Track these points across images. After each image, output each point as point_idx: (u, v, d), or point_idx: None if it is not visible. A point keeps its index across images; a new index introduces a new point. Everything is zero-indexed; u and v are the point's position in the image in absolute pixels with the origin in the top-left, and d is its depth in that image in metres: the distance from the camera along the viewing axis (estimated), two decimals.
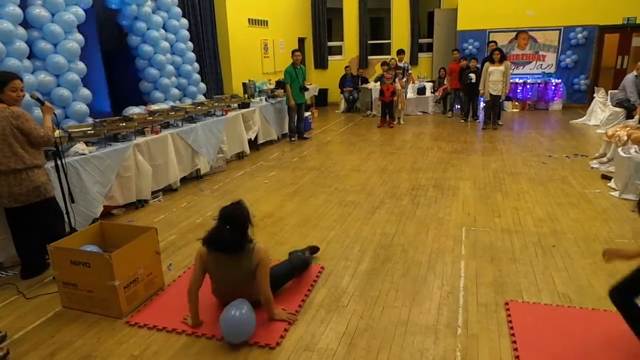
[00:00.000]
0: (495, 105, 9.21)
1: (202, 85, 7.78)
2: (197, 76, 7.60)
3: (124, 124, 5.03)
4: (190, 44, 7.46)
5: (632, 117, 7.20)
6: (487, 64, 9.06)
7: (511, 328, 2.73)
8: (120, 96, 6.69)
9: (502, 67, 8.85)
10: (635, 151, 5.07)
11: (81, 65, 5.25)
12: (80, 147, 4.42)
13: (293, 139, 8.58)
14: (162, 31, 6.83)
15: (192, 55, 7.45)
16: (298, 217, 4.69)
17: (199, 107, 6.54)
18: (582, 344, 2.55)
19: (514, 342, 2.61)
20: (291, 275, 3.30)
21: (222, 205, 2.91)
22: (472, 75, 9.58)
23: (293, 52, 8.39)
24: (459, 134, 8.77)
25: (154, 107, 6.28)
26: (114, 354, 2.65)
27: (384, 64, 10.49)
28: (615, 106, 8.42)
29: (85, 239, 3.34)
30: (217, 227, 2.78)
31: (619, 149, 5.35)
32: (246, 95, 8.27)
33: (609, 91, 9.29)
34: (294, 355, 2.59)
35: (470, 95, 9.92)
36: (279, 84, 9.31)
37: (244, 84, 8.52)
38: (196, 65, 7.59)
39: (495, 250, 3.79)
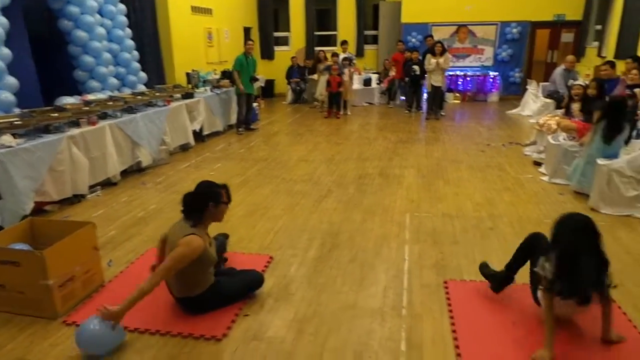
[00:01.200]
0: (437, 96, 9.53)
1: (143, 75, 7.48)
2: (136, 65, 7.29)
3: (56, 115, 4.73)
4: (129, 31, 7.13)
5: (561, 108, 7.67)
6: (428, 55, 9.34)
7: (449, 305, 2.86)
8: (52, 85, 6.28)
9: (441, 60, 9.16)
10: (564, 139, 5.42)
11: (6, 51, 4.88)
12: (6, 139, 4.11)
13: (241, 130, 8.45)
14: (98, 16, 6.48)
15: (130, 42, 7.13)
16: (245, 208, 4.64)
17: (140, 97, 6.28)
18: (514, 315, 2.72)
19: (452, 317, 2.74)
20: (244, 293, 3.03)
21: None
22: (416, 67, 9.83)
23: (246, 40, 8.30)
24: (404, 125, 8.99)
25: (90, 97, 5.95)
26: (49, 355, 2.51)
27: (334, 54, 10.55)
28: (546, 97, 8.96)
29: (13, 237, 3.12)
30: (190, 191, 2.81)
31: (549, 137, 5.70)
32: (190, 86, 8.03)
33: (540, 83, 9.87)
34: (242, 345, 2.57)
35: (414, 87, 10.19)
36: (225, 74, 9.11)
37: (187, 74, 8.26)
38: (135, 53, 7.28)
39: (438, 234, 3.94)
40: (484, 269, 3.02)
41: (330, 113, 9.89)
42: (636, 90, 5.62)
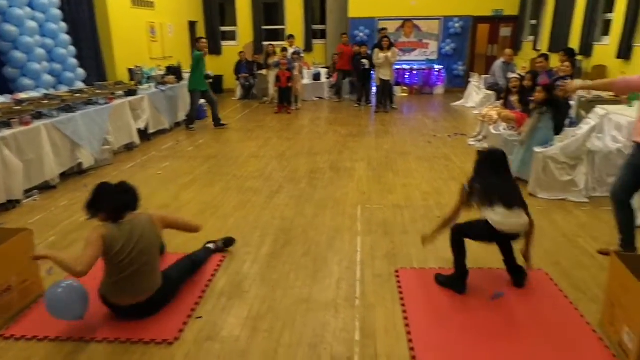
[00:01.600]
0: (385, 90, 9.71)
1: (81, 71, 7.10)
2: (73, 61, 6.91)
3: None
4: (64, 25, 6.74)
5: (501, 99, 8.03)
6: (376, 50, 9.49)
7: (400, 293, 2.94)
8: None
9: (388, 54, 9.33)
10: (504, 129, 5.68)
11: None
12: None
13: (192, 127, 8.25)
14: (28, 9, 6.08)
15: (65, 37, 6.75)
16: (195, 207, 4.53)
17: (78, 95, 5.96)
18: (460, 300, 2.84)
19: (403, 304, 2.81)
20: (191, 272, 3.14)
21: None
22: (365, 61, 9.95)
23: (199, 39, 8.21)
24: (354, 118, 9.10)
25: (23, 95, 5.58)
26: None
27: (283, 49, 10.47)
28: (487, 90, 9.35)
29: None
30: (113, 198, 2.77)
31: (491, 127, 5.96)
32: (133, 82, 7.72)
33: (482, 76, 10.28)
34: (195, 347, 2.52)
35: (364, 81, 10.32)
36: (170, 70, 8.84)
37: (130, 70, 7.94)
38: (72, 48, 6.89)
39: (388, 225, 4.02)
40: (439, 278, 3.07)
41: (281, 108, 9.84)
42: (568, 81, 5.97)
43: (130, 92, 7.07)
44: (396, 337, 2.55)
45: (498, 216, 2.77)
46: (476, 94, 10.11)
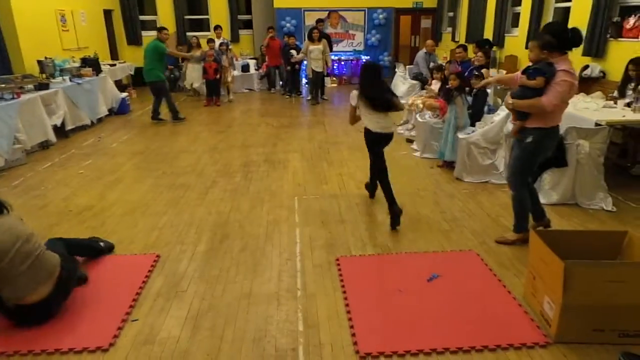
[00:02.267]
0: (317, 81, 9.75)
1: None
2: None
3: None
4: None
5: (424, 89, 8.39)
6: (306, 42, 9.49)
7: (341, 281, 3.00)
8: None
9: (320, 46, 9.33)
10: (429, 117, 5.94)
11: None
12: None
13: (181, 117, 8.11)
14: None
15: None
16: (123, 207, 4.30)
17: None
18: (398, 283, 2.95)
19: (344, 292, 2.87)
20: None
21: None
22: (294, 52, 9.92)
23: (161, 29, 7.99)
24: (285, 110, 9.07)
25: None
26: None
27: (209, 41, 10.11)
28: (412, 79, 9.71)
29: None
30: None
31: (417, 115, 6.21)
32: (44, 75, 7.11)
33: (407, 66, 10.65)
34: (132, 352, 2.40)
35: (293, 72, 10.29)
36: (86, 62, 8.24)
37: (39, 62, 7.29)
38: None
39: (325, 215, 4.08)
40: (367, 186, 4.38)
41: (210, 101, 9.55)
42: (483, 70, 6.36)
43: (42, 86, 6.51)
44: (338, 324, 2.60)
45: (372, 122, 3.80)
46: (402, 83, 10.43)
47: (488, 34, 9.28)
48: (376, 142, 3.95)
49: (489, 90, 6.36)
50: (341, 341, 2.46)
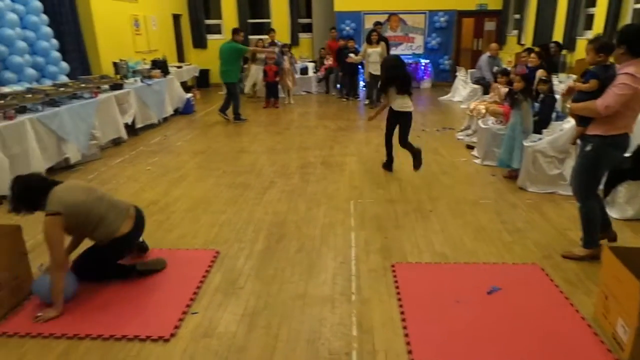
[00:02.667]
0: (375, 85, 9.62)
1: (64, 65, 6.95)
2: (56, 54, 6.77)
3: None
4: (45, 17, 6.58)
5: (488, 94, 8.12)
6: (364, 45, 9.43)
7: (397, 287, 2.96)
8: None
9: (378, 49, 9.21)
10: (492, 123, 5.74)
11: None
12: None
13: (242, 118, 8.37)
14: (7, 1, 5.92)
15: (48, 30, 6.59)
16: (187, 203, 4.49)
17: (62, 89, 5.83)
18: (456, 294, 2.86)
19: (399, 299, 2.83)
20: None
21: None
22: (352, 55, 9.94)
23: (238, 31, 8.23)
24: (342, 112, 9.10)
25: (5, 89, 5.44)
26: None
27: (272, 43, 10.33)
28: (474, 84, 9.43)
29: None
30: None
31: (479, 121, 6.01)
32: (118, 76, 7.58)
33: (469, 70, 10.36)
34: (192, 343, 2.50)
35: (351, 75, 10.29)
36: (156, 64, 8.70)
37: (114, 64, 7.79)
38: (54, 41, 6.74)
39: (381, 219, 4.04)
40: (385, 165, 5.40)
41: (269, 103, 9.77)
42: (539, 71, 6.07)
43: (116, 86, 6.95)
44: (393, 332, 2.57)
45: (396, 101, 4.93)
46: (463, 88, 10.18)
47: (558, 36, 8.81)
48: (394, 117, 5.21)
49: (557, 96, 6.05)
50: (395, 349, 2.43)
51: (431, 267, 3.22)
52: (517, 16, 11.32)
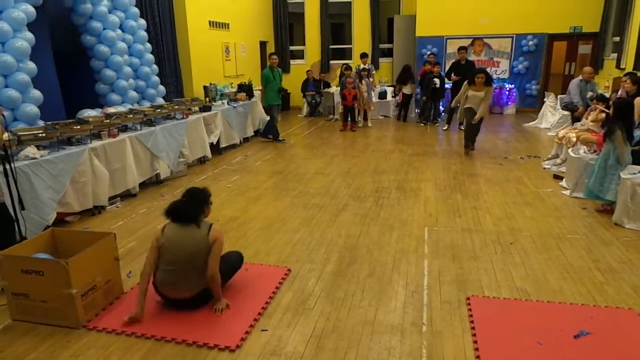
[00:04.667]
0: (472, 128, 7.45)
1: (162, 88, 7.60)
2: (156, 78, 7.42)
3: (78, 127, 4.82)
4: (149, 45, 7.28)
5: (578, 120, 7.57)
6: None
7: (472, 322, 2.81)
8: (74, 99, 6.42)
9: (481, 94, 7.11)
10: (584, 152, 5.34)
11: (31, 65, 5.01)
12: (30, 150, 4.20)
13: (282, 139, 8.72)
14: (119, 31, 6.64)
15: (150, 57, 7.27)
16: (262, 221, 4.64)
17: (159, 110, 6.37)
18: (538, 335, 2.65)
19: (474, 335, 2.68)
20: (235, 269, 3.31)
21: None
22: (437, 80, 9.80)
23: (270, 55, 8.66)
24: (419, 137, 8.96)
25: (111, 109, 6.06)
26: None
27: (347, 68, 10.55)
28: (563, 110, 8.85)
29: (36, 247, 3.16)
30: (177, 200, 3.04)
31: (569, 150, 5.62)
32: (207, 99, 8.13)
33: (558, 96, 9.76)
34: (260, 359, 2.55)
35: (434, 100, 10.14)
36: (241, 87, 9.22)
37: (205, 87, 8.37)
38: (155, 67, 7.41)
39: (457, 249, 3.89)
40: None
41: (346, 126, 9.90)
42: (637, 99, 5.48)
43: (205, 108, 7.46)
44: None
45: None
46: (551, 114, 9.60)
47: None
48: None
49: None
50: None
51: (510, 303, 3.02)
52: (617, 39, 10.52)
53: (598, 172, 4.56)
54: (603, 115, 5.90)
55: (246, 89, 9.16)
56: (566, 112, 8.63)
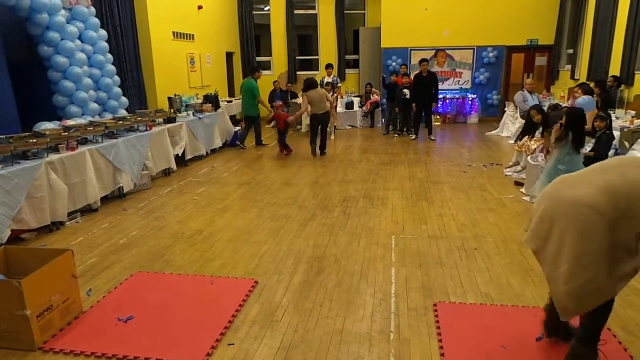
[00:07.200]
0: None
1: (124, 100, 7.43)
2: (118, 90, 7.25)
3: (34, 140, 4.64)
4: (110, 56, 7.11)
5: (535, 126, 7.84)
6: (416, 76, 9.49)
7: (438, 328, 2.84)
8: (31, 111, 6.19)
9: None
10: (542, 159, 5.53)
11: None
12: None
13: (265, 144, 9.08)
14: (78, 42, 6.46)
15: (112, 67, 7.11)
16: (229, 233, 4.57)
17: (121, 122, 6.21)
18: (502, 339, 2.70)
19: (440, 341, 2.71)
20: None
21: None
22: (406, 91, 9.96)
23: (256, 69, 9.32)
24: (386, 147, 9.09)
25: (70, 122, 5.87)
26: None
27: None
28: (522, 118, 9.18)
29: None
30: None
31: (528, 158, 5.81)
32: (172, 110, 8.00)
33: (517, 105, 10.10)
34: None
35: (405, 111, 10.29)
36: (207, 99, 9.12)
37: (169, 98, 8.24)
38: (117, 78, 7.24)
39: (423, 256, 3.93)
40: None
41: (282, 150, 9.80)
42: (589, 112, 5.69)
43: (170, 120, 7.32)
44: None
45: None
46: (511, 123, 9.93)
47: (614, 70, 8.49)
48: None
49: (616, 133, 5.79)
50: None
51: (475, 308, 3.08)
52: (570, 51, 11.04)
53: (547, 175, 4.57)
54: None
55: (212, 100, 9.07)
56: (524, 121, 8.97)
